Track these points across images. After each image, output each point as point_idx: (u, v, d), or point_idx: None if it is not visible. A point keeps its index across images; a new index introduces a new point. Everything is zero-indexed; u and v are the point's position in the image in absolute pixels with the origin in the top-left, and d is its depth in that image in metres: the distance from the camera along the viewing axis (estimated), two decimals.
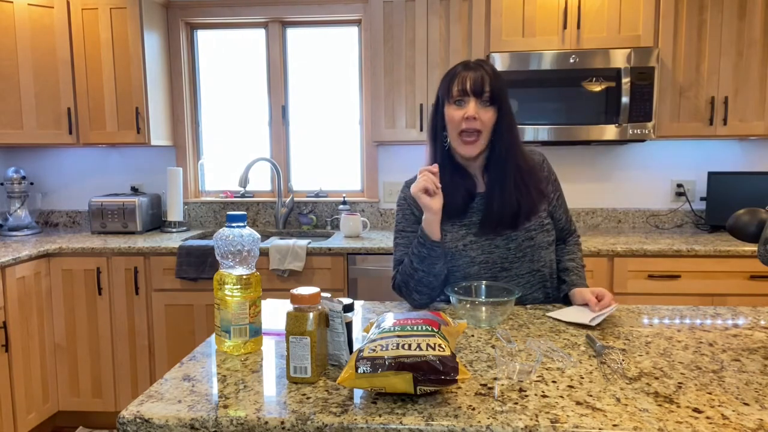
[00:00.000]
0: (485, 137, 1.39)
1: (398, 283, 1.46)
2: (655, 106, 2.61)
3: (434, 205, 1.34)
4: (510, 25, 2.71)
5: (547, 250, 1.48)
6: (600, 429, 0.79)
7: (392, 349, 0.88)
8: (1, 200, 3.29)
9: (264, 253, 2.60)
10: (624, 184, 3.13)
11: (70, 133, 2.92)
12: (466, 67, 1.40)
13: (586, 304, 1.37)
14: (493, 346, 1.14)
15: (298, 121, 3.31)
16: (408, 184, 1.54)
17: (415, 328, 0.94)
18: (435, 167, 1.35)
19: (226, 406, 0.88)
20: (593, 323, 1.26)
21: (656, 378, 0.97)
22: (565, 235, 1.59)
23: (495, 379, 0.97)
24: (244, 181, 2.98)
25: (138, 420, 0.85)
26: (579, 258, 1.56)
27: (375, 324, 1.03)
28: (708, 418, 0.82)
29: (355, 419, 0.83)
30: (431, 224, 1.37)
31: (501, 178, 1.41)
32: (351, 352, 1.04)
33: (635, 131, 2.63)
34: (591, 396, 0.90)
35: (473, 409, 0.86)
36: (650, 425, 0.80)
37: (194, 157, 3.36)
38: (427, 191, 1.33)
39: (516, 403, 0.87)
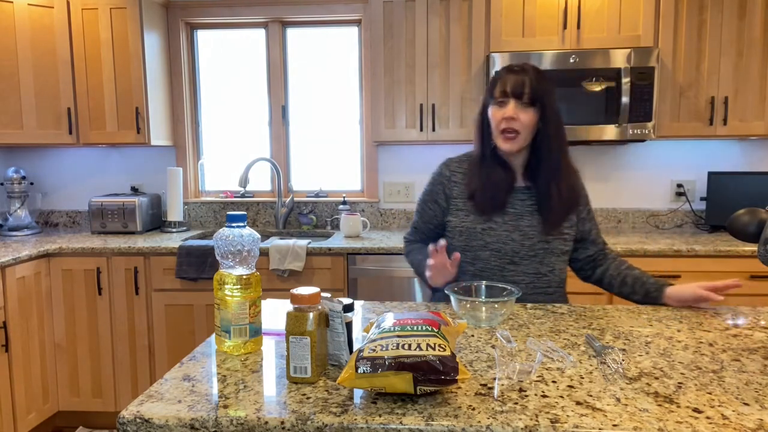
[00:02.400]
0: (524, 136, 1.46)
1: (405, 252, 1.70)
2: (655, 106, 2.61)
3: (436, 283, 1.44)
4: (510, 25, 2.71)
5: (558, 258, 1.52)
6: (600, 429, 0.79)
7: (392, 349, 0.88)
8: (1, 200, 3.29)
9: (264, 253, 2.60)
10: (624, 184, 3.13)
11: (70, 133, 2.92)
12: (509, 70, 1.47)
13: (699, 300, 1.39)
14: (493, 346, 1.14)
15: (298, 121, 3.31)
16: (449, 162, 1.61)
17: (415, 328, 0.94)
18: (441, 243, 1.38)
19: (226, 406, 0.88)
20: None
21: (656, 378, 0.97)
22: (600, 250, 1.61)
23: (495, 378, 0.97)
24: (244, 181, 2.98)
25: (138, 420, 0.85)
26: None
27: (375, 324, 1.03)
28: (708, 418, 0.82)
29: (355, 419, 0.83)
30: (434, 280, 1.44)
31: (545, 176, 1.48)
32: (351, 352, 1.04)
33: (635, 131, 2.63)
34: (591, 396, 0.90)
35: (473, 409, 0.86)
36: (650, 425, 0.80)
37: (194, 157, 3.36)
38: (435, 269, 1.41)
39: (516, 403, 0.87)
